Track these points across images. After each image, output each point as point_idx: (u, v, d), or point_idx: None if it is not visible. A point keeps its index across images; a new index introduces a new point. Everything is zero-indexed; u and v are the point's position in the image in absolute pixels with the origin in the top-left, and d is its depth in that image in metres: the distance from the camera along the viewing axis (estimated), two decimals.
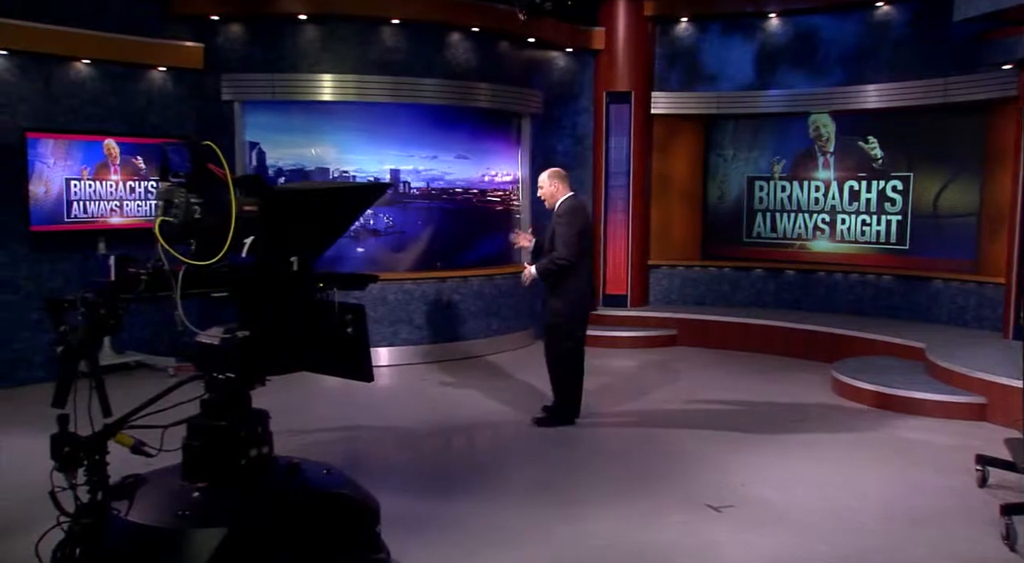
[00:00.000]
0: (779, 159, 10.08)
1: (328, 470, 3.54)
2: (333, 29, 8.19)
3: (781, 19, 9.58)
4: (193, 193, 3.13)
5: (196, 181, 3.16)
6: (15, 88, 7.23)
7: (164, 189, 3.19)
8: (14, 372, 7.31)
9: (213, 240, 3.14)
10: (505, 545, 4.15)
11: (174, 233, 3.13)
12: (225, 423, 3.35)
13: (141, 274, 3.12)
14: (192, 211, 3.11)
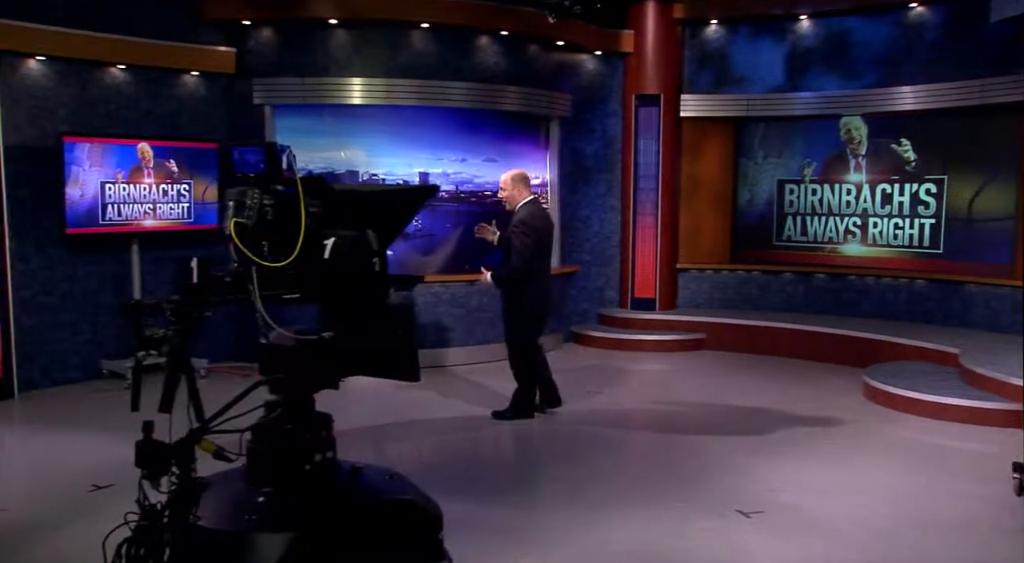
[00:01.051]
0: (810, 162, 10.00)
1: (391, 475, 3.49)
2: (363, 33, 8.25)
3: (812, 21, 9.50)
4: (266, 194, 3.10)
5: (266, 182, 3.13)
6: (53, 93, 7.36)
7: (237, 190, 3.15)
8: (50, 372, 7.43)
9: (284, 241, 3.09)
10: (528, 546, 4.14)
11: (247, 235, 3.09)
12: (291, 427, 3.29)
13: (224, 277, 3.11)
14: (265, 212, 3.08)
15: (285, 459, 3.24)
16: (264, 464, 3.27)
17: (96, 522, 4.45)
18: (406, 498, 3.33)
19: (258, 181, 3.14)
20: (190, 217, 8.00)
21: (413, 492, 3.41)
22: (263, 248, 3.11)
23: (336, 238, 3.15)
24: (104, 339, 7.76)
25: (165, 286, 8.13)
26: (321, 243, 3.14)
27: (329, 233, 3.17)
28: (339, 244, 3.15)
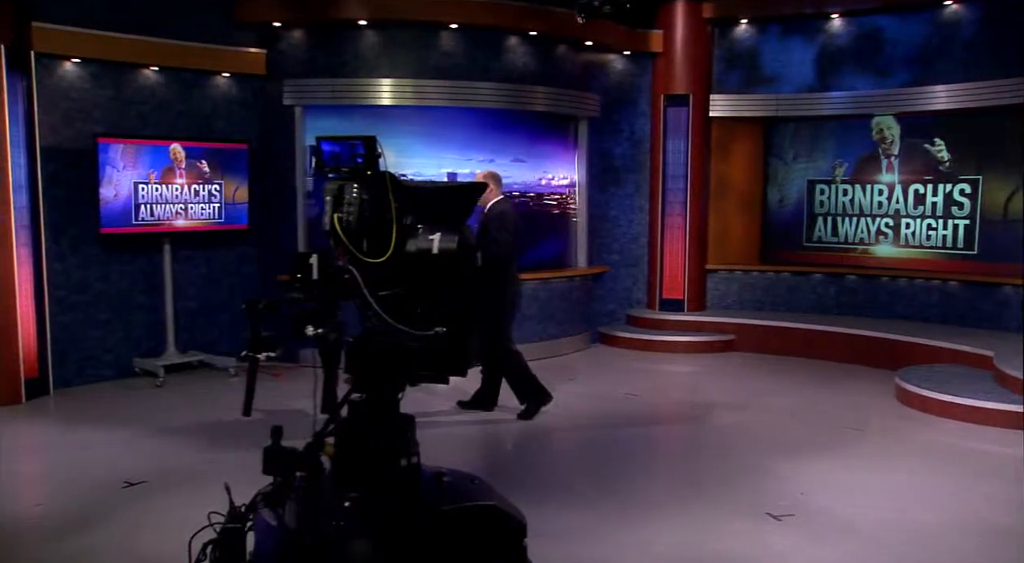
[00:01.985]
0: (841, 162, 9.89)
1: (473, 480, 3.39)
2: (392, 34, 8.28)
3: (844, 19, 9.40)
4: (363, 189, 3.04)
5: (362, 177, 3.06)
6: (88, 95, 7.46)
7: (335, 186, 3.07)
8: (84, 370, 7.53)
9: (380, 237, 3.02)
10: (560, 546, 4.13)
11: (349, 231, 3.02)
12: (376, 430, 3.15)
13: (344, 274, 3.02)
14: (364, 207, 3.02)
15: (371, 464, 3.12)
16: (350, 468, 3.15)
17: (128, 519, 4.52)
18: (490, 504, 3.21)
19: (353, 176, 3.06)
20: (221, 217, 8.08)
21: (496, 498, 3.30)
22: (362, 244, 3.04)
23: (442, 234, 3.06)
24: (136, 337, 7.85)
25: (195, 286, 8.23)
26: (427, 238, 3.06)
27: (433, 228, 3.09)
28: (446, 240, 3.06)
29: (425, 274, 3.09)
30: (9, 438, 6.15)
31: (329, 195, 3.05)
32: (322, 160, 3.10)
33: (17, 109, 6.78)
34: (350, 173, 3.07)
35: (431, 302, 3.11)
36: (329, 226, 3.01)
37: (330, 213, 3.02)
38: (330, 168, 3.10)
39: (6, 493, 5.08)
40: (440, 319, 3.07)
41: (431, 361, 3.10)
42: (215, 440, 5.94)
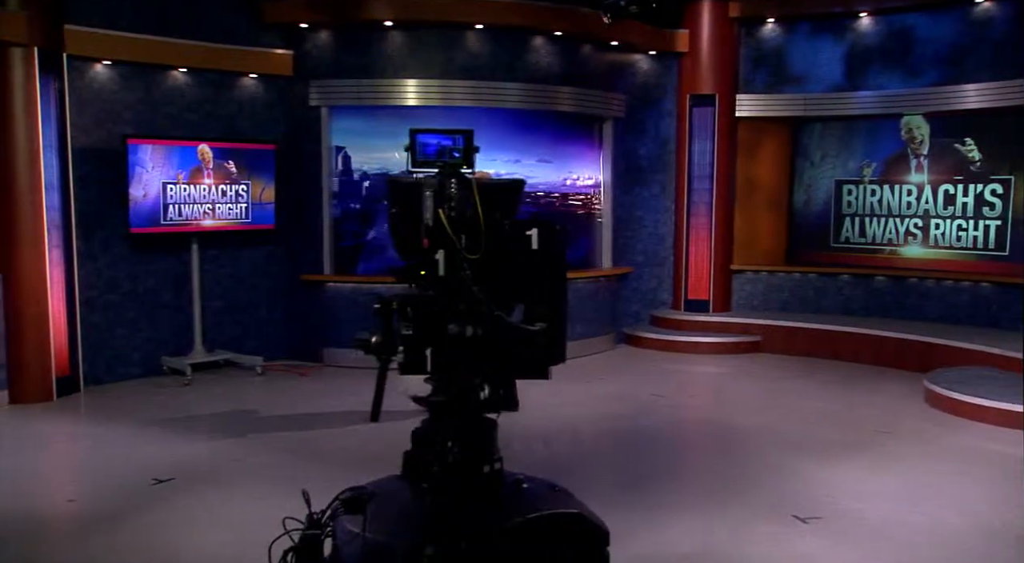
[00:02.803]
0: (869, 162, 9.79)
1: (555, 487, 3.27)
2: (418, 35, 8.31)
3: (873, 18, 9.31)
4: (461, 184, 2.94)
5: (458, 172, 2.97)
6: (119, 97, 7.55)
7: (436, 179, 2.96)
8: (114, 368, 7.62)
9: (472, 232, 2.91)
10: None
11: (453, 226, 2.89)
12: (459, 434, 3.03)
13: (465, 269, 2.91)
14: (464, 202, 2.92)
15: (455, 468, 3.02)
16: (430, 473, 3.03)
17: (157, 515, 4.57)
18: (574, 512, 3.11)
19: (451, 170, 2.96)
20: (248, 217, 8.14)
21: (578, 505, 3.19)
22: (461, 239, 2.92)
23: (538, 228, 2.96)
24: (164, 336, 7.93)
25: (221, 285, 8.30)
26: (524, 234, 2.96)
27: (529, 223, 3.00)
28: (545, 234, 2.97)
29: (523, 269, 2.99)
30: (42, 435, 6.25)
31: (429, 190, 2.93)
32: (414, 154, 2.99)
33: (49, 111, 6.87)
34: (447, 167, 2.95)
35: (530, 297, 3.04)
36: (433, 221, 2.87)
37: (433, 208, 2.89)
38: (427, 162, 2.97)
39: (40, 488, 5.17)
40: (537, 314, 3.00)
41: (528, 356, 3.02)
42: (241, 439, 5.99)
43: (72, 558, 4.10)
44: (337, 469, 5.47)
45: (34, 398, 6.84)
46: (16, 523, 4.49)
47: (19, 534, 4.36)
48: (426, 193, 2.92)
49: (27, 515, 4.62)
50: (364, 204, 8.58)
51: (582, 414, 6.71)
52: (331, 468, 5.46)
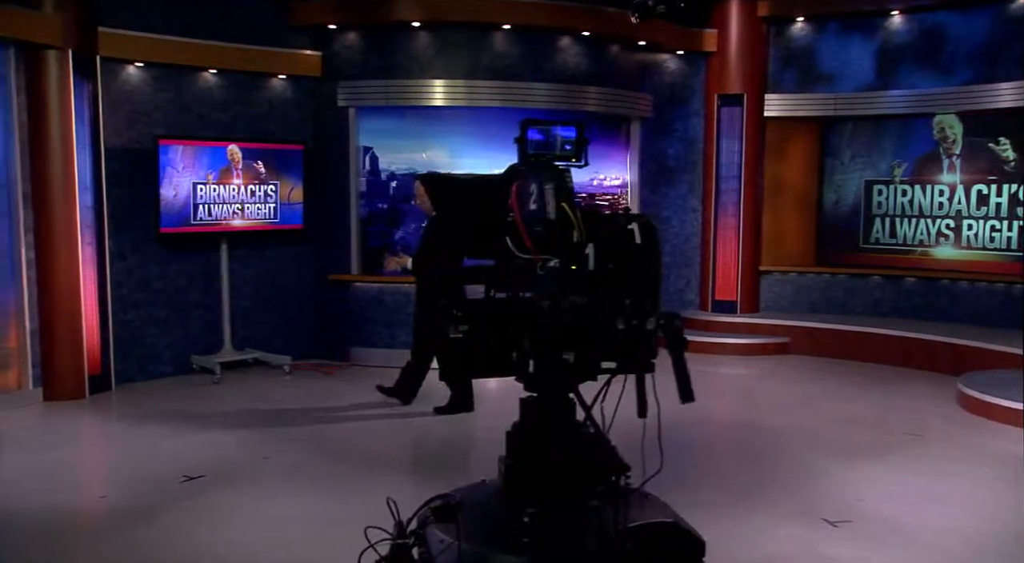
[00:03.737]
0: (900, 162, 9.68)
1: (647, 496, 3.15)
2: (445, 35, 8.33)
3: (904, 16, 9.20)
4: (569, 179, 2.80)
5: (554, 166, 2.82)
6: (150, 98, 7.65)
7: (554, 172, 2.83)
8: (144, 366, 7.72)
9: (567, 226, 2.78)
10: None
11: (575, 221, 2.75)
12: (554, 438, 2.90)
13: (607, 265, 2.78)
14: (573, 197, 2.78)
15: (550, 475, 2.87)
16: (526, 480, 2.87)
17: (187, 512, 4.62)
18: (671, 521, 2.99)
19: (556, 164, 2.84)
20: (276, 217, 8.21)
21: (673, 515, 3.07)
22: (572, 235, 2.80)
23: (639, 222, 2.81)
24: (193, 335, 8.01)
25: (250, 285, 8.37)
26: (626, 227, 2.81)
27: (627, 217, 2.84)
28: (646, 228, 2.83)
29: (627, 263, 2.83)
30: (74, 431, 6.34)
31: (550, 183, 2.77)
32: (525, 147, 2.83)
33: (83, 112, 6.97)
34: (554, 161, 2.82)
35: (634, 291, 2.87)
36: (556, 215, 2.73)
37: (556, 202, 2.75)
38: (538, 156, 2.85)
39: (72, 484, 5.24)
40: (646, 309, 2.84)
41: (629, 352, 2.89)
42: (270, 437, 6.04)
43: (103, 553, 4.15)
44: (364, 467, 5.51)
45: (67, 395, 6.94)
46: (49, 518, 4.56)
47: (52, 529, 4.43)
48: (546, 186, 2.77)
49: (60, 510, 4.69)
50: (391, 204, 8.61)
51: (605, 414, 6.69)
52: (359, 466, 5.50)
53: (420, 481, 5.19)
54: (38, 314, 6.88)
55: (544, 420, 2.90)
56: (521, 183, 2.83)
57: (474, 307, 2.79)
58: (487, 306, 2.82)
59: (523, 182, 2.83)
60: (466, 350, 2.75)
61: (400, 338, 8.36)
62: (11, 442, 5.86)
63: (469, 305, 2.76)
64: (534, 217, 2.76)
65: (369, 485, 5.13)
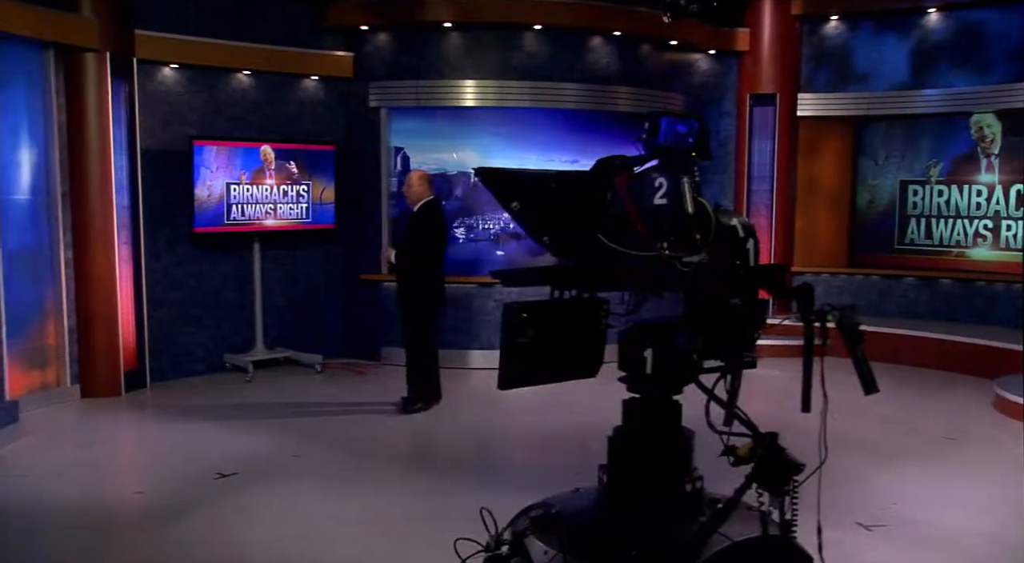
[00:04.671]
0: (936, 162, 9.54)
1: (749, 507, 3.00)
2: (477, 36, 8.34)
3: (941, 14, 9.06)
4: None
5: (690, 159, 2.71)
6: (184, 99, 7.74)
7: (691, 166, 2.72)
8: (178, 364, 7.81)
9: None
10: None
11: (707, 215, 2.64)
12: (658, 445, 2.78)
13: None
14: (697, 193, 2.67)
15: (655, 485, 2.74)
16: (628, 489, 2.75)
17: (221, 509, 4.67)
18: (778, 536, 2.87)
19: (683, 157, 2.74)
20: (308, 217, 8.27)
21: (777, 528, 2.96)
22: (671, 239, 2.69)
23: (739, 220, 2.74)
24: (226, 334, 8.10)
25: (282, 284, 8.44)
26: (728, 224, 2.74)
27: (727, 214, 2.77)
28: (747, 225, 2.77)
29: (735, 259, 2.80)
30: (111, 428, 6.44)
31: (687, 177, 2.68)
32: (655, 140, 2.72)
33: (120, 113, 7.08)
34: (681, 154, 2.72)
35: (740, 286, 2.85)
36: (694, 209, 2.64)
37: (692, 196, 2.66)
38: (667, 149, 2.71)
39: (109, 480, 5.32)
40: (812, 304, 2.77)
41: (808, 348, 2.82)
42: (301, 435, 6.09)
43: (139, 548, 4.21)
44: (395, 466, 5.54)
45: (104, 392, 7.04)
46: (87, 512, 4.63)
47: (90, 523, 4.50)
48: (683, 180, 2.66)
49: (97, 505, 4.76)
50: None
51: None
52: (390, 465, 5.53)
53: (454, 481, 5.20)
54: (75, 312, 6.99)
55: (655, 424, 2.77)
56: (639, 177, 2.67)
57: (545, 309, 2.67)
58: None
59: (644, 175, 2.67)
60: (534, 355, 2.63)
61: None
62: (50, 438, 5.96)
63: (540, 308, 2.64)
64: (662, 212, 2.61)
65: (400, 484, 5.16)
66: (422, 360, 6.72)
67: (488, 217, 8.60)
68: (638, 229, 2.55)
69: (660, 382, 2.76)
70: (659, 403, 2.79)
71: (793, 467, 2.76)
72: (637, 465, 2.75)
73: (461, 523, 4.54)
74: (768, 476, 2.71)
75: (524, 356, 2.60)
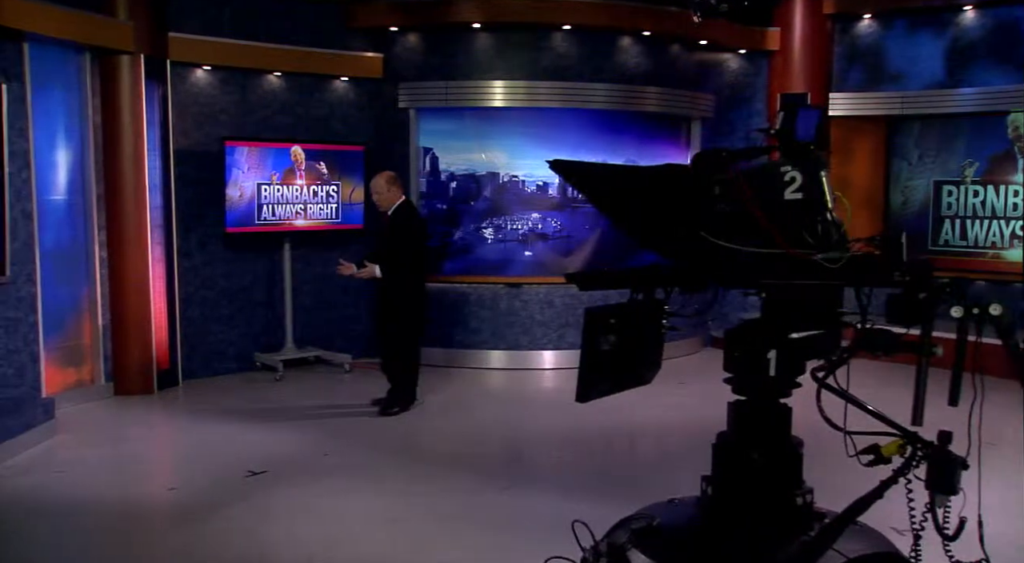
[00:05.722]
0: (971, 162, 9.39)
1: (857, 523, 2.85)
2: (506, 36, 8.35)
3: (977, 11, 8.92)
4: None
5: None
6: (217, 100, 7.82)
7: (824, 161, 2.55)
8: (210, 363, 7.89)
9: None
10: None
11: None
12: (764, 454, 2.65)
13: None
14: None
15: (764, 496, 2.60)
16: (735, 501, 2.62)
17: (252, 506, 4.71)
18: (893, 552, 2.77)
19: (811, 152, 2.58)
20: (338, 217, 8.32)
21: (890, 545, 2.84)
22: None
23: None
24: (257, 333, 8.16)
25: (309, 284, 8.50)
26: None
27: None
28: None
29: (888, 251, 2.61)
30: (144, 425, 6.52)
31: (825, 170, 2.55)
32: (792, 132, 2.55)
33: (153, 115, 7.17)
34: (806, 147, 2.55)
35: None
36: (835, 204, 2.55)
37: (831, 194, 2.55)
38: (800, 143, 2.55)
39: (143, 476, 5.39)
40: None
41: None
42: (330, 434, 6.13)
43: (172, 545, 4.26)
44: (422, 465, 5.55)
45: (137, 390, 7.14)
46: (122, 508, 4.69)
47: (125, 519, 4.56)
48: (822, 173, 2.52)
49: (131, 501, 4.83)
50: (450, 205, 8.66)
51: (667, 415, 6.63)
52: (418, 465, 5.54)
53: (481, 480, 5.21)
54: (110, 311, 7.08)
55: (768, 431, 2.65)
56: (762, 170, 2.53)
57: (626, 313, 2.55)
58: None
59: (768, 169, 2.53)
60: (613, 362, 2.52)
61: (457, 338, 8.41)
62: (86, 435, 6.05)
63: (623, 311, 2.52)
64: (796, 207, 2.46)
65: (427, 483, 5.17)
66: (410, 365, 6.70)
67: (516, 218, 8.60)
68: (764, 226, 2.38)
69: (782, 385, 2.62)
70: (772, 408, 2.66)
71: (962, 464, 2.59)
72: (746, 476, 2.59)
73: (488, 523, 4.56)
74: (940, 477, 2.54)
75: (605, 364, 2.49)
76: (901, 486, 2.83)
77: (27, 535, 4.37)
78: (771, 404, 2.65)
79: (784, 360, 2.57)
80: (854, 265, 2.48)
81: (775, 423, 2.67)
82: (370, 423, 6.46)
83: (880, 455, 2.58)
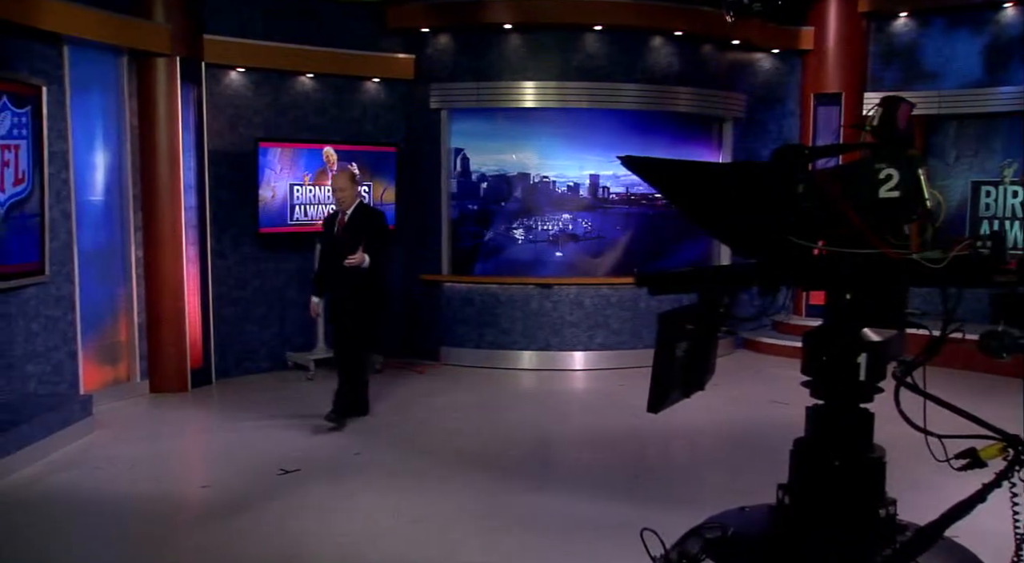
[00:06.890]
0: (1010, 162, 9.23)
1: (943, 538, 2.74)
2: (537, 37, 8.35)
3: (1018, 8, 8.77)
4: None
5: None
6: (250, 102, 7.90)
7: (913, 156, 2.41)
8: (242, 362, 7.97)
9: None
10: None
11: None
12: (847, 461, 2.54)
13: None
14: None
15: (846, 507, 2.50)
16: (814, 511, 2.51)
17: (285, 504, 4.76)
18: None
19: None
20: None
21: (973, 557, 2.75)
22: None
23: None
24: (289, 332, 8.24)
25: None
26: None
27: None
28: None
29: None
30: (179, 423, 6.60)
31: (923, 168, 2.41)
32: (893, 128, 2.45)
33: (189, 116, 7.26)
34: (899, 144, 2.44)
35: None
36: (934, 202, 2.41)
37: (929, 188, 2.40)
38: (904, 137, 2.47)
39: (178, 474, 5.47)
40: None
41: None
42: (361, 434, 6.16)
43: (205, 542, 4.30)
44: (453, 464, 5.57)
45: (171, 388, 7.23)
46: (157, 505, 4.76)
47: (159, 515, 4.62)
48: (919, 170, 2.38)
49: (166, 497, 4.89)
50: (482, 205, 8.68)
51: (698, 417, 6.59)
52: (448, 464, 5.56)
53: (511, 480, 5.21)
54: (145, 310, 7.18)
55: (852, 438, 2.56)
56: (853, 168, 2.44)
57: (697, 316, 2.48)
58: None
59: (860, 166, 2.43)
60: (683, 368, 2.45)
61: (488, 338, 8.42)
62: (123, 432, 6.14)
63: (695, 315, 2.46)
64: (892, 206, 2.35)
65: (458, 483, 5.18)
66: (364, 370, 6.52)
67: (547, 218, 8.61)
68: (856, 225, 2.29)
69: (870, 390, 2.53)
70: (856, 413, 2.56)
71: None
72: (828, 485, 2.48)
73: (518, 523, 4.56)
74: None
75: (677, 371, 2.43)
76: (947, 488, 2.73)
77: (65, 530, 4.44)
78: (854, 409, 2.55)
79: (872, 363, 2.48)
80: (958, 265, 2.35)
81: (859, 429, 2.58)
82: (401, 422, 6.49)
83: (977, 458, 2.47)
